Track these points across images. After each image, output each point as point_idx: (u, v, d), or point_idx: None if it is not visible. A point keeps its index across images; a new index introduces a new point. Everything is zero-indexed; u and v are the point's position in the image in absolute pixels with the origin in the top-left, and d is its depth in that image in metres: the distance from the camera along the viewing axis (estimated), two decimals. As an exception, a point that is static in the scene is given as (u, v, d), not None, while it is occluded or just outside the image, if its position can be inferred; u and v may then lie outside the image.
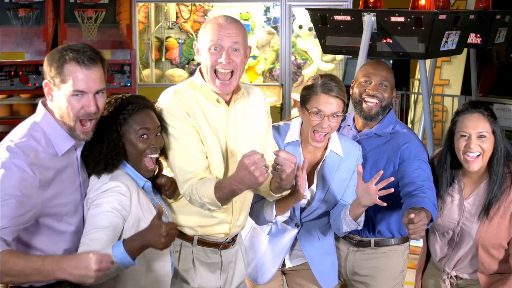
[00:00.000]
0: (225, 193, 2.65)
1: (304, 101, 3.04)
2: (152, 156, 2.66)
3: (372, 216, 3.26)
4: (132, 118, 2.64)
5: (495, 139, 3.03)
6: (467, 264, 3.16)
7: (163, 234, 2.37)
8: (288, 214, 3.03)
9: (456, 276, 3.20)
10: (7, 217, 2.28)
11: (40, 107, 2.53)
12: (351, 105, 3.47)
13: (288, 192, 2.90)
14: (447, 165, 3.12)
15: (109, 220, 2.48)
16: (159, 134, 2.71)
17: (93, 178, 2.61)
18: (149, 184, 2.70)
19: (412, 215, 2.68)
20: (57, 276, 2.23)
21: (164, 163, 2.85)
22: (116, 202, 2.52)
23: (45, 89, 2.51)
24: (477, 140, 2.99)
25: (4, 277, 2.24)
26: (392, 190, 2.90)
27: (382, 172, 2.91)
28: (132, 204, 2.57)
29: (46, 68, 2.49)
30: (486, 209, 3.04)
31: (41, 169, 2.40)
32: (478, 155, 3.01)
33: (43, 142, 2.46)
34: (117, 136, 2.62)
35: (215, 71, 2.78)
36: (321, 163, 3.12)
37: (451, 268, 3.20)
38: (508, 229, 3.03)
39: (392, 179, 2.90)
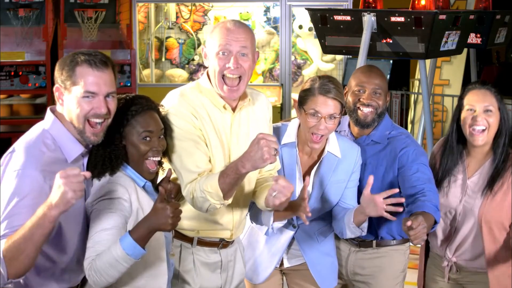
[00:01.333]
0: (229, 175, 2.63)
1: (302, 102, 3.03)
2: (154, 158, 2.65)
3: (374, 222, 3.26)
4: (135, 120, 2.62)
5: (501, 116, 3.10)
6: (468, 247, 3.16)
7: (170, 215, 2.39)
8: (285, 221, 3.04)
9: (456, 263, 3.20)
10: (17, 227, 2.29)
11: (48, 113, 2.54)
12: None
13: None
14: (453, 140, 3.19)
15: (112, 221, 2.48)
16: (162, 136, 2.69)
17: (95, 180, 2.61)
18: (149, 184, 2.69)
19: (409, 222, 2.69)
20: (45, 224, 2.21)
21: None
22: (116, 205, 2.51)
23: (56, 94, 2.52)
24: (483, 113, 3.07)
25: (13, 262, 2.24)
26: (401, 209, 2.90)
27: (397, 190, 2.90)
28: (132, 205, 2.56)
29: (57, 72, 2.51)
30: (490, 184, 3.08)
31: (52, 175, 2.40)
32: (484, 130, 3.07)
33: (53, 149, 2.47)
34: (118, 138, 2.61)
35: (223, 77, 2.76)
36: (317, 164, 3.11)
37: (452, 252, 3.20)
38: (509, 208, 3.06)
39: (403, 200, 2.90)
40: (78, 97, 2.46)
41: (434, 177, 3.16)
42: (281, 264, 3.28)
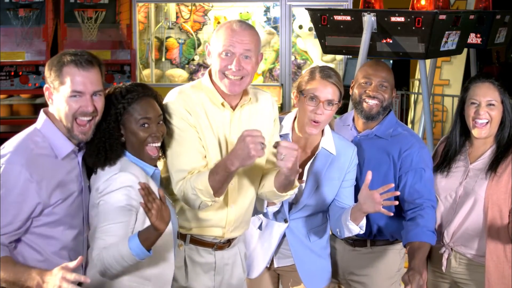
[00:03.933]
0: (219, 173, 2.63)
1: (301, 87, 3.04)
2: (154, 144, 2.65)
3: (371, 220, 3.25)
4: (132, 107, 2.63)
5: (504, 109, 3.16)
6: (466, 230, 3.16)
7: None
8: (279, 205, 3.03)
9: (453, 250, 3.20)
10: (5, 226, 2.36)
11: (41, 115, 2.59)
12: (350, 104, 3.46)
13: (294, 191, 2.90)
14: (456, 132, 3.24)
15: (121, 213, 2.50)
16: (161, 122, 2.69)
17: (100, 169, 2.61)
18: (158, 171, 2.70)
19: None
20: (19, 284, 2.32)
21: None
22: (126, 195, 2.52)
23: (46, 93, 2.58)
24: (486, 107, 3.14)
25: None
26: (397, 202, 2.94)
27: (392, 185, 2.91)
28: None
29: (46, 73, 2.57)
30: (494, 166, 3.12)
31: (39, 170, 2.45)
32: (487, 123, 3.14)
33: (42, 146, 2.51)
34: (114, 127, 2.62)
35: (224, 74, 2.76)
36: (312, 159, 3.10)
37: (450, 237, 3.20)
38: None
39: (398, 193, 2.94)
40: (66, 96, 2.52)
41: (435, 163, 3.23)
42: (272, 264, 3.25)
